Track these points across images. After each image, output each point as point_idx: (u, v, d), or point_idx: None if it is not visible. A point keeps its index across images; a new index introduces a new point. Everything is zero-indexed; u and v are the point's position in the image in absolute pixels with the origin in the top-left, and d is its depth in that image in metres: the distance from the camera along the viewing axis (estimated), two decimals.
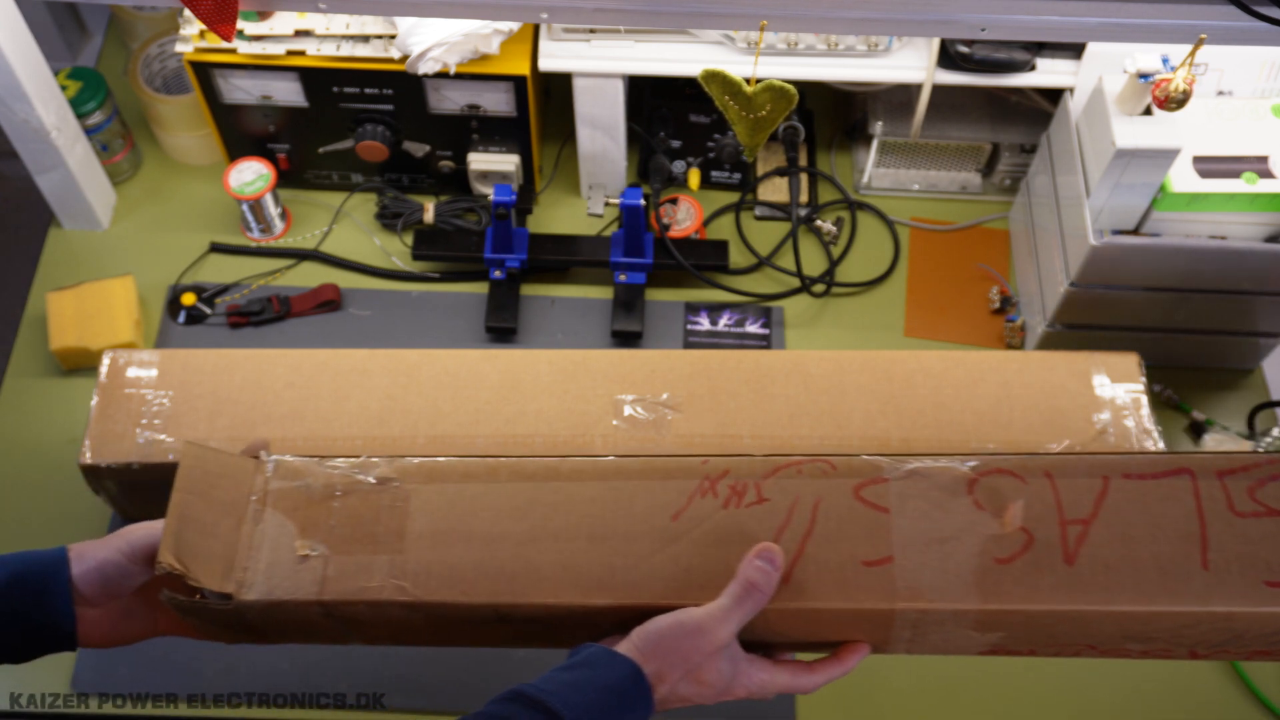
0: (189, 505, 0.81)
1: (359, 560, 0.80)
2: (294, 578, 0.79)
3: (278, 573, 0.80)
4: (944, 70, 1.23)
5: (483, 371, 1.08)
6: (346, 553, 0.80)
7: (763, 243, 1.36)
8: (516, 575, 0.78)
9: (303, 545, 0.81)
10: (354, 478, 0.84)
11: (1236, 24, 0.88)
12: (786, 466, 0.80)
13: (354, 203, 1.38)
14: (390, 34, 1.20)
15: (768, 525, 0.77)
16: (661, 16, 0.94)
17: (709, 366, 1.09)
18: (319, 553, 0.80)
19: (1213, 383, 1.26)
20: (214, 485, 0.83)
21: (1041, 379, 1.08)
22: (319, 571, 0.79)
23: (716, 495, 0.79)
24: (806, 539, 0.77)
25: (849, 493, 0.79)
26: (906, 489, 0.78)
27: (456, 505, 0.82)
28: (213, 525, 0.81)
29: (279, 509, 0.83)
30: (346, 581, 0.79)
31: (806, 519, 0.77)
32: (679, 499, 0.79)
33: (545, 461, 0.83)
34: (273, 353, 1.09)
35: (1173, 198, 1.09)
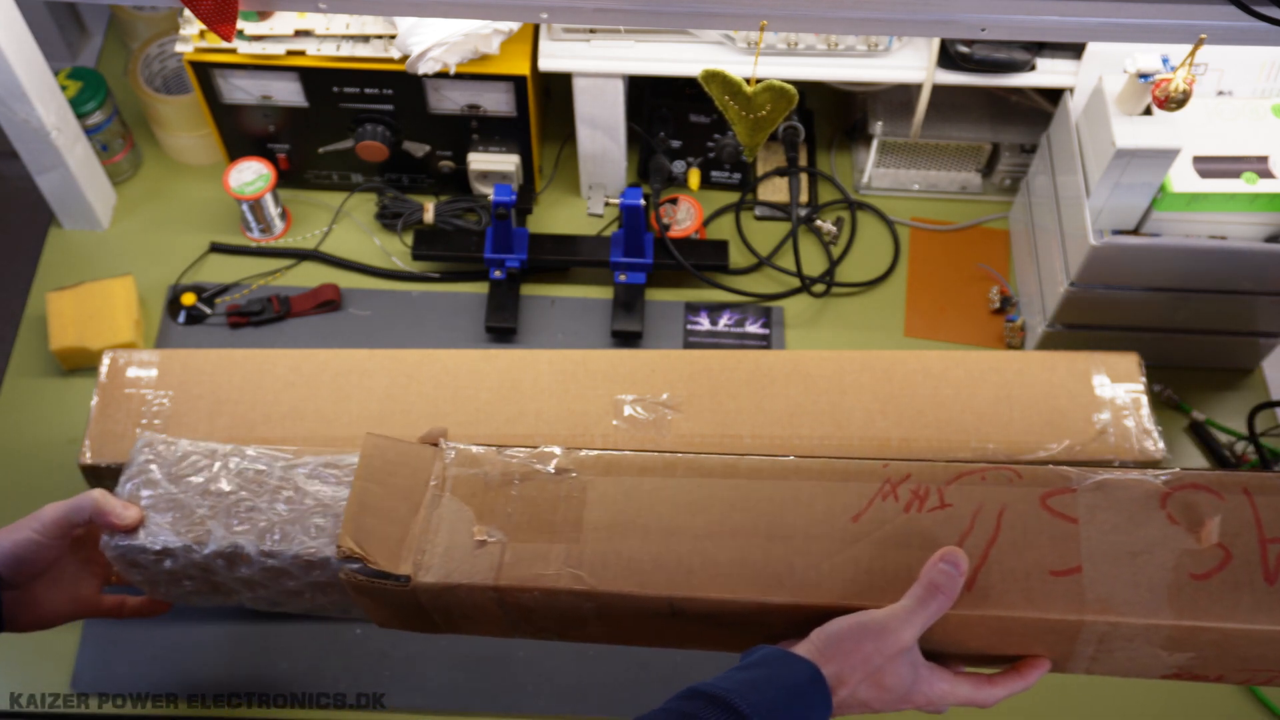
0: (368, 492, 0.83)
1: (535, 548, 0.80)
2: (471, 562, 0.80)
3: (455, 556, 0.80)
4: (944, 70, 1.23)
5: (483, 371, 1.08)
6: (523, 540, 0.80)
7: (763, 243, 1.36)
8: (693, 570, 0.77)
9: (480, 530, 0.81)
10: (532, 467, 0.84)
11: (1236, 24, 0.88)
12: (970, 473, 0.78)
13: (354, 203, 1.39)
14: (390, 34, 1.20)
15: (951, 530, 0.76)
16: (661, 16, 0.94)
17: (709, 366, 1.09)
18: (496, 539, 0.80)
19: (1213, 383, 1.26)
20: (393, 473, 0.84)
21: (1041, 379, 1.08)
22: (496, 557, 0.80)
23: (898, 499, 0.78)
24: (991, 546, 0.75)
25: (1035, 501, 0.76)
26: (1095, 500, 0.76)
27: (633, 498, 0.81)
28: (391, 510, 0.82)
29: (457, 495, 0.83)
30: (523, 568, 0.79)
31: (991, 526, 0.75)
32: (859, 501, 0.78)
33: (723, 459, 0.83)
34: (273, 353, 1.09)
35: (1173, 198, 1.09)
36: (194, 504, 0.87)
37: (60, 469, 1.16)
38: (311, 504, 0.86)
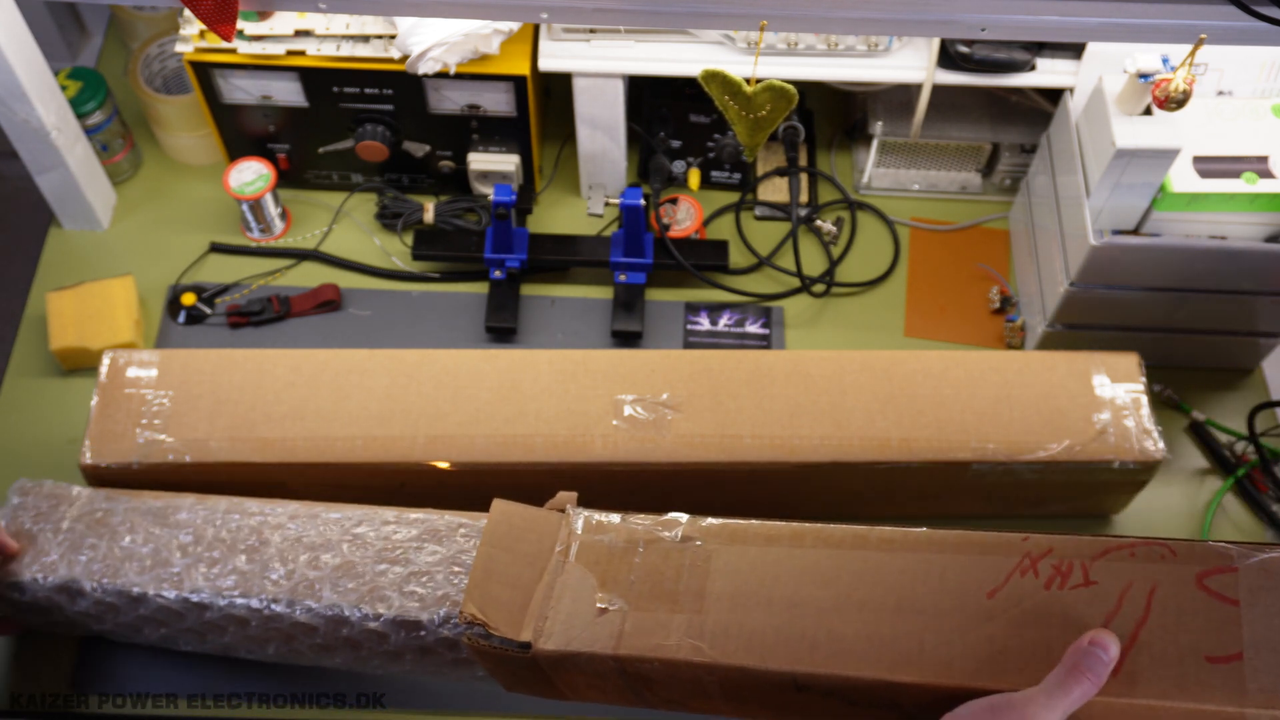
0: (493, 559, 0.84)
1: (657, 617, 0.79)
2: (591, 630, 0.79)
3: (576, 624, 0.80)
4: (944, 70, 1.23)
5: (483, 371, 1.08)
6: (645, 609, 0.80)
7: (763, 243, 1.36)
8: (818, 644, 0.75)
9: (602, 598, 0.81)
10: (657, 534, 0.84)
11: (1236, 24, 0.88)
12: (1118, 548, 0.73)
13: (354, 203, 1.39)
14: (390, 34, 1.20)
15: (1096, 610, 0.71)
16: (661, 16, 0.94)
17: (709, 366, 1.09)
18: (618, 607, 0.80)
19: (1213, 383, 1.26)
20: (519, 539, 0.86)
21: (1041, 379, 1.08)
22: (616, 625, 0.79)
23: (1038, 575, 0.73)
24: (1140, 627, 0.70)
25: (1190, 580, 0.71)
26: (1259, 581, 0.70)
27: (759, 568, 0.80)
28: (515, 577, 0.83)
29: (582, 561, 0.84)
30: (643, 638, 0.78)
31: (1141, 606, 0.70)
32: (996, 576, 0.74)
33: (853, 529, 0.80)
34: (273, 353, 1.10)
35: (1173, 198, 1.09)
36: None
37: (60, 469, 1.15)
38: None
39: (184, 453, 1.03)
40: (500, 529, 0.86)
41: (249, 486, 1.04)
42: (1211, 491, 1.19)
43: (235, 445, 1.04)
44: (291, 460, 1.03)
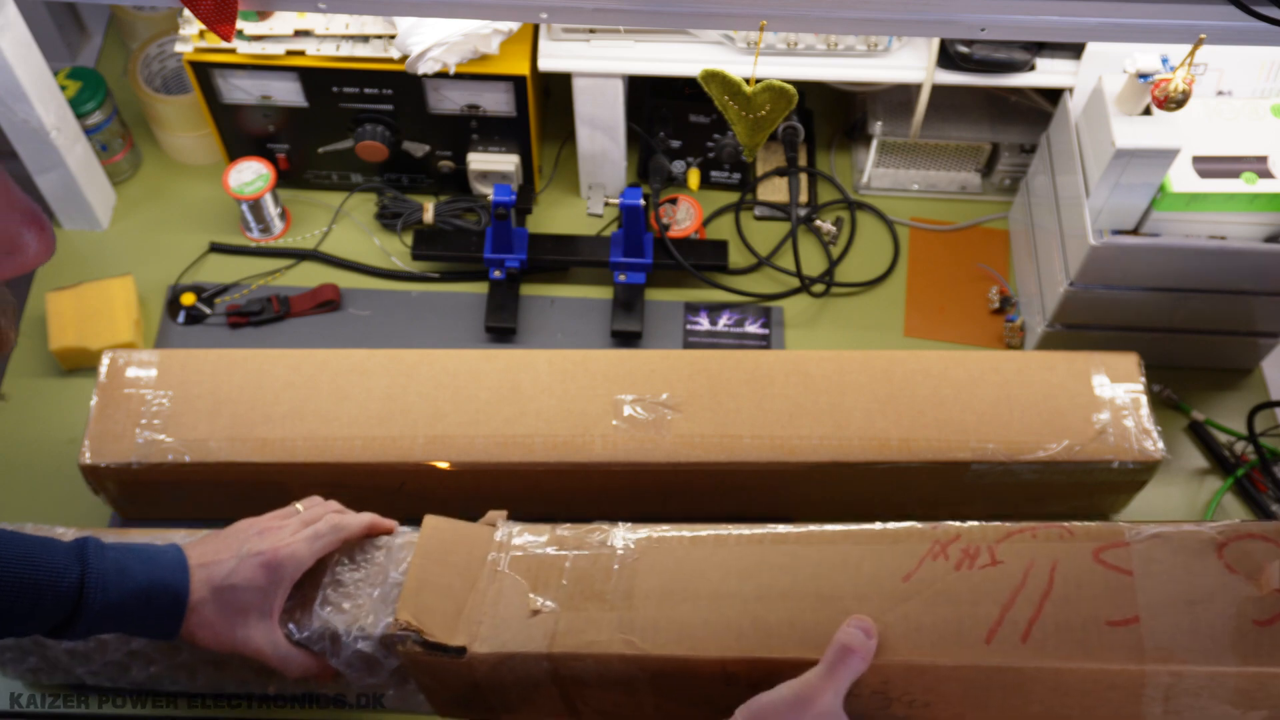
0: (426, 570, 0.85)
1: (588, 616, 0.81)
2: (525, 631, 0.81)
3: (509, 627, 0.81)
4: (944, 70, 1.22)
5: (482, 371, 1.08)
6: (576, 609, 0.81)
7: (762, 243, 1.36)
8: (744, 632, 0.77)
9: (534, 601, 0.82)
10: (585, 540, 0.87)
11: (1236, 24, 0.88)
12: (1020, 531, 0.79)
13: (354, 203, 1.38)
14: (390, 34, 1.20)
15: (1003, 586, 0.76)
16: (661, 16, 0.94)
17: (709, 366, 1.09)
18: (550, 608, 0.82)
19: (1213, 383, 1.26)
20: (451, 551, 0.87)
21: (1041, 379, 1.08)
22: (549, 626, 0.81)
23: (948, 558, 0.78)
24: (1045, 600, 0.75)
25: (1088, 555, 0.76)
26: (1150, 552, 0.76)
27: (684, 566, 0.82)
28: (448, 587, 0.84)
29: (514, 570, 0.85)
30: (575, 636, 0.80)
31: (1044, 580, 0.75)
32: (909, 562, 0.79)
33: (773, 529, 0.84)
34: (272, 353, 1.10)
35: (1172, 198, 1.09)
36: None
37: (60, 469, 1.16)
38: None
39: (184, 453, 1.03)
40: (432, 543, 0.87)
41: (248, 486, 1.04)
42: (1211, 491, 1.19)
43: (235, 445, 1.04)
44: (291, 460, 1.03)
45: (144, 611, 0.84)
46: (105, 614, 0.82)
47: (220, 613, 0.85)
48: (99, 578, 0.81)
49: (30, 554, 0.81)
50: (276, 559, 0.87)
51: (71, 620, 0.82)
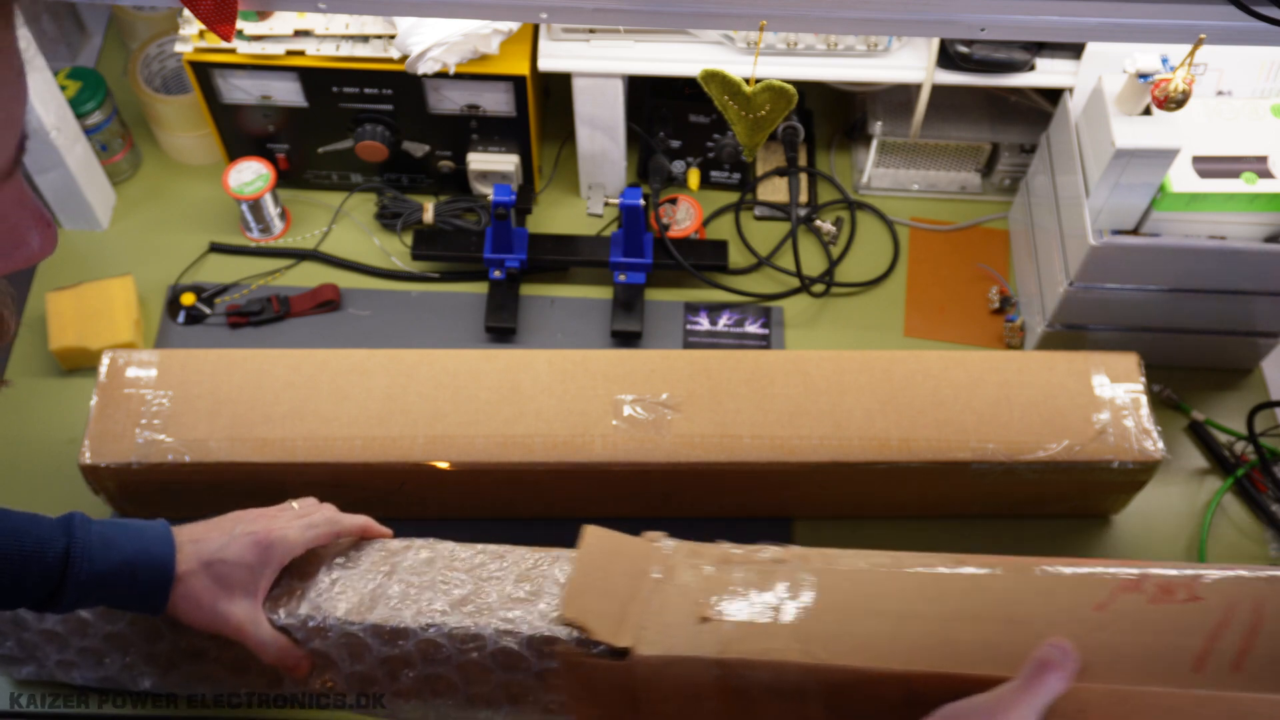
0: (589, 575, 0.83)
1: (761, 627, 0.77)
2: (694, 637, 0.77)
3: (676, 633, 0.78)
4: (944, 70, 1.22)
5: (482, 371, 1.08)
6: (748, 619, 0.78)
7: (762, 243, 1.36)
8: (932, 649, 0.73)
9: (703, 609, 0.79)
10: (754, 557, 0.83)
11: (1236, 24, 0.88)
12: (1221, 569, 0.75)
13: (353, 203, 1.38)
14: (390, 34, 1.20)
15: (1205, 619, 0.71)
16: (661, 16, 0.94)
17: (709, 366, 1.09)
18: (720, 617, 0.78)
19: (1213, 383, 1.26)
20: (613, 560, 0.84)
21: (1041, 379, 1.08)
22: (720, 633, 0.77)
23: (1143, 592, 0.75)
24: (1254, 633, 0.70)
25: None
26: None
27: (863, 585, 0.79)
28: (611, 592, 0.81)
29: (679, 581, 0.82)
30: (748, 643, 0.76)
31: (1249, 615, 0.71)
32: (1100, 593, 0.75)
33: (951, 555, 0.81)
34: (272, 353, 1.10)
35: (1172, 198, 1.09)
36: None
37: (60, 469, 1.16)
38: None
39: (184, 453, 1.03)
40: (593, 551, 0.85)
41: (248, 486, 1.04)
42: (1211, 491, 1.19)
43: (235, 445, 1.04)
44: (291, 460, 1.03)
45: (130, 583, 0.83)
46: (91, 585, 0.82)
47: (207, 586, 0.85)
48: (84, 549, 0.81)
49: (17, 527, 0.81)
50: (269, 538, 0.87)
51: (57, 592, 0.81)
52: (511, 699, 0.86)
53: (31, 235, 0.50)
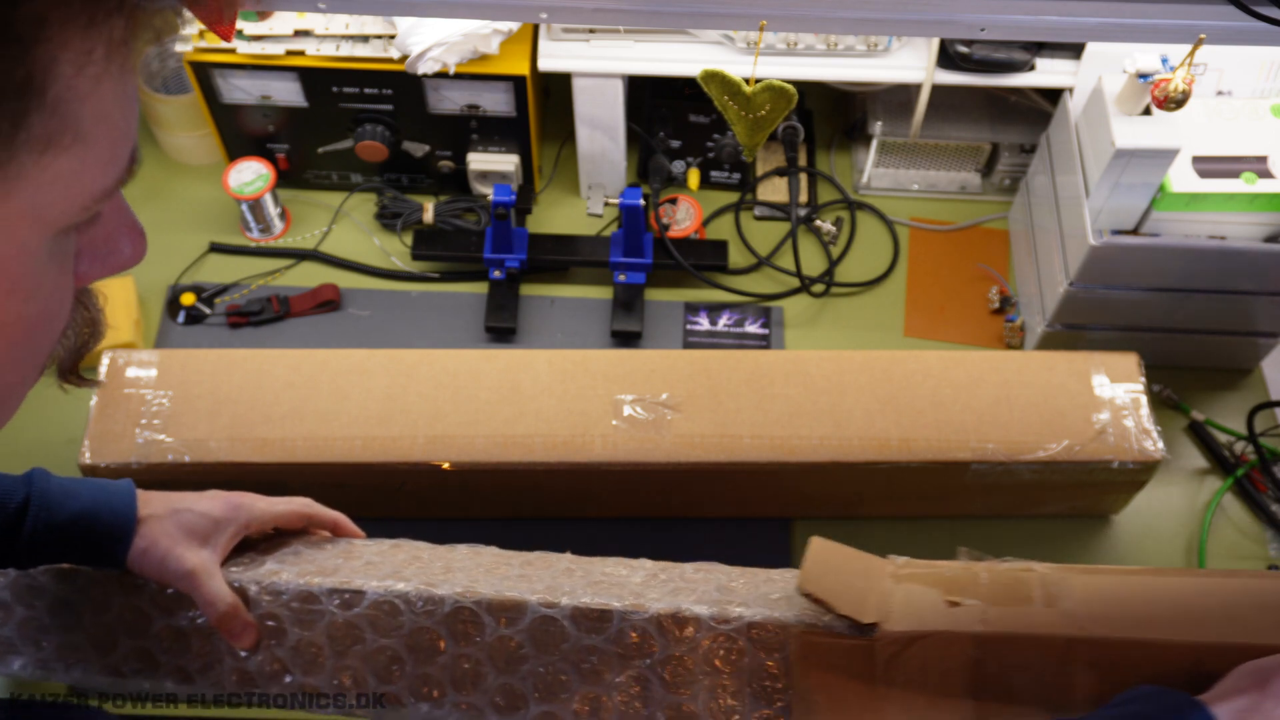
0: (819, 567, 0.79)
1: (1019, 610, 0.75)
2: (948, 615, 0.74)
3: (926, 612, 0.75)
4: (943, 70, 1.23)
5: (482, 371, 1.08)
6: (1003, 604, 0.76)
7: (762, 243, 1.36)
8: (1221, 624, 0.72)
9: (952, 599, 0.77)
10: (996, 567, 0.81)
11: (1236, 24, 0.88)
12: None
13: (354, 203, 1.38)
14: (390, 34, 1.20)
15: None
16: (661, 16, 0.94)
17: (709, 366, 1.09)
18: (973, 603, 0.76)
19: (1213, 383, 1.26)
20: (844, 566, 0.81)
21: (1041, 379, 1.08)
22: (975, 613, 0.75)
23: None
24: None
25: None
26: None
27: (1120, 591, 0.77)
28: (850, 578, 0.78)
29: (918, 582, 0.80)
30: (1009, 621, 0.74)
31: None
32: None
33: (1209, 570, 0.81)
34: (272, 353, 1.09)
35: (1172, 198, 1.09)
36: None
37: (60, 469, 1.15)
38: None
39: (184, 453, 1.03)
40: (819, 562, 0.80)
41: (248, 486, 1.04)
42: (1211, 491, 1.19)
43: (235, 445, 1.04)
44: (291, 460, 1.03)
45: (89, 532, 0.82)
46: (50, 536, 0.81)
47: (168, 531, 0.84)
48: (43, 497, 0.81)
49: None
50: (239, 499, 0.88)
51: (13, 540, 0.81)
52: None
53: (124, 243, 0.52)
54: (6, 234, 0.42)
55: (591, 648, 0.81)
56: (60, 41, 0.39)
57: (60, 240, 0.45)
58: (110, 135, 0.43)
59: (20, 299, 0.44)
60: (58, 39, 0.39)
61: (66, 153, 0.41)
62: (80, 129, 0.41)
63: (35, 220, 0.42)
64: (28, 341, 0.46)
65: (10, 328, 0.44)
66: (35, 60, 0.39)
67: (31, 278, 0.44)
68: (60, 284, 0.47)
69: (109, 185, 0.44)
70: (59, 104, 0.40)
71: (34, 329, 0.46)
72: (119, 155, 0.44)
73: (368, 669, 0.85)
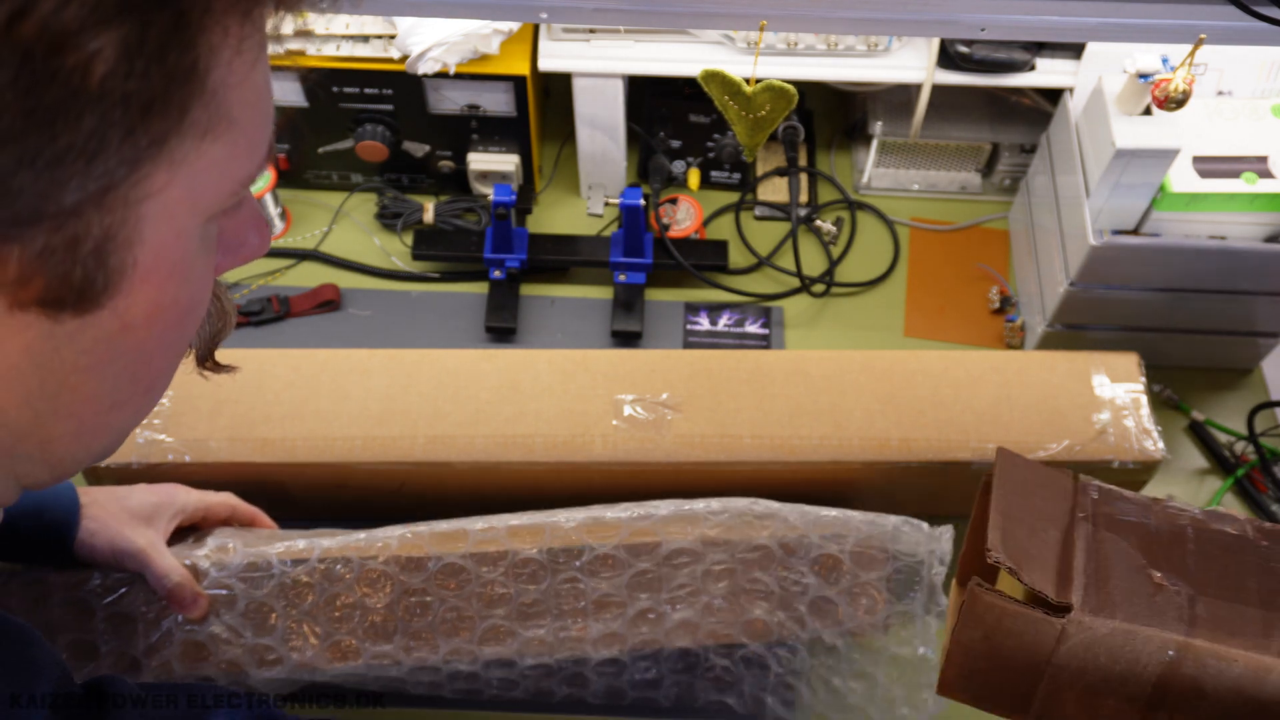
0: (1011, 505, 0.69)
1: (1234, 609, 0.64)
2: (1152, 607, 0.63)
3: (1131, 598, 0.64)
4: (944, 70, 1.23)
5: (483, 371, 1.08)
6: (1212, 596, 0.65)
7: (762, 243, 1.36)
8: None
9: (1157, 575, 0.66)
10: (1209, 526, 0.69)
11: (1236, 24, 0.88)
12: None
13: (354, 203, 1.39)
14: (390, 34, 1.20)
15: None
16: (661, 16, 0.94)
17: (709, 366, 1.09)
18: (1176, 589, 0.65)
19: (1213, 383, 1.26)
20: (1033, 492, 0.72)
21: (1041, 379, 1.08)
22: (1184, 609, 0.64)
23: None
24: None
25: None
26: None
27: None
28: (1035, 533, 0.68)
29: (1117, 534, 0.69)
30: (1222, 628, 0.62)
31: None
32: None
33: None
34: (272, 353, 1.09)
35: (1172, 198, 1.09)
36: None
37: None
38: None
39: (184, 453, 1.03)
40: (1010, 478, 0.71)
41: (248, 486, 1.04)
42: (1211, 491, 1.19)
43: (235, 445, 1.04)
44: (291, 460, 1.03)
45: (36, 521, 0.86)
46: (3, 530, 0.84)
47: (114, 513, 0.89)
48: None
49: None
50: (171, 488, 0.94)
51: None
52: None
53: (252, 234, 0.53)
54: (169, 219, 0.43)
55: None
56: (223, 29, 0.40)
57: (209, 227, 0.46)
58: (257, 121, 0.45)
59: (176, 283, 0.45)
60: (220, 25, 0.40)
61: (221, 139, 0.42)
62: (233, 115, 0.43)
63: (192, 206, 0.43)
64: (179, 327, 0.47)
65: (166, 311, 0.45)
66: (201, 47, 0.40)
67: (187, 263, 0.45)
68: (208, 270, 0.48)
69: (253, 171, 0.46)
70: (218, 91, 0.41)
71: (186, 315, 0.47)
72: (263, 142, 0.46)
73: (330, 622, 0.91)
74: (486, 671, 0.95)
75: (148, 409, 0.52)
